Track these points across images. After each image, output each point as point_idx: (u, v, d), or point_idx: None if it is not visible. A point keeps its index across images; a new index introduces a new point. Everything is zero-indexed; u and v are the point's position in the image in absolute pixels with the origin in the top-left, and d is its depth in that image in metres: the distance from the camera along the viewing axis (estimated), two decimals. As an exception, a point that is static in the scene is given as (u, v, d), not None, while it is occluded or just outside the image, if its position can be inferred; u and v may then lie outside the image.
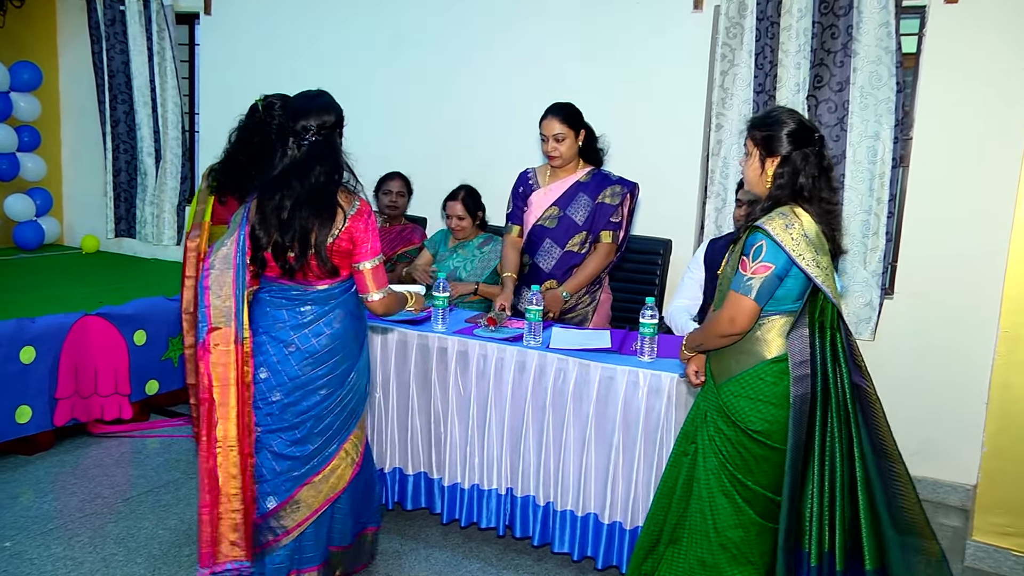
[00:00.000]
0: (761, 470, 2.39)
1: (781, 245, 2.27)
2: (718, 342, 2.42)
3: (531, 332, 3.12)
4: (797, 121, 2.39)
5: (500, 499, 3.17)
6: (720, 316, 2.38)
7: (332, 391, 2.61)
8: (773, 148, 2.37)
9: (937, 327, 3.90)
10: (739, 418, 2.38)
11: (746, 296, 2.31)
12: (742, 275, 2.33)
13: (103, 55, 6.00)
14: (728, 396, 2.41)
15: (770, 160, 2.38)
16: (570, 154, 3.51)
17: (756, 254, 2.30)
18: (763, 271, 2.30)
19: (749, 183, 2.48)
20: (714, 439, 2.45)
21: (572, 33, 4.50)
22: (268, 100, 3.10)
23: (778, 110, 2.44)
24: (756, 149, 2.41)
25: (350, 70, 5.16)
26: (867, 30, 3.85)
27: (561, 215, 3.55)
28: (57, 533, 3.25)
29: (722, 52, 4.14)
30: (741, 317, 2.33)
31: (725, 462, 2.42)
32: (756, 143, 2.41)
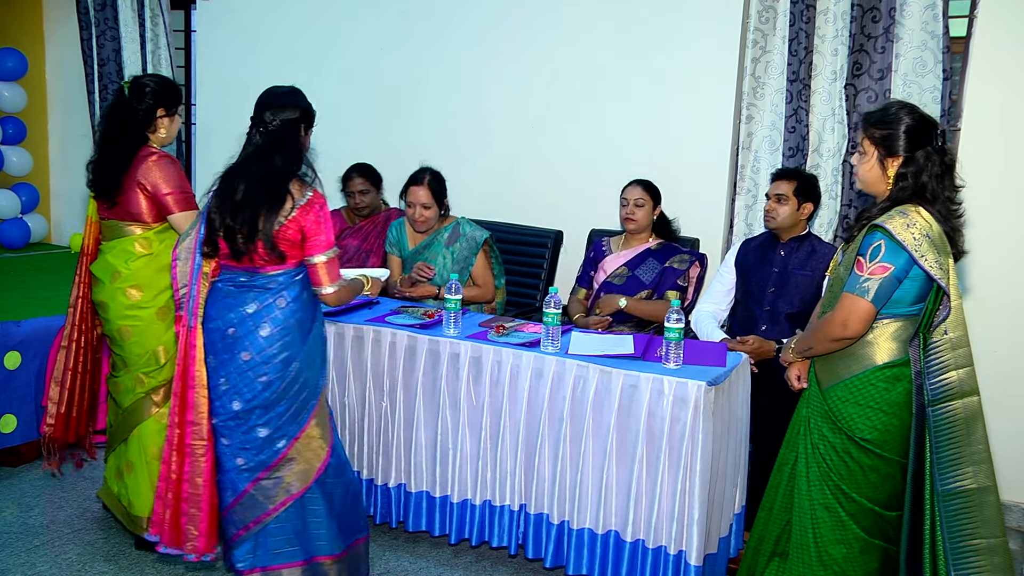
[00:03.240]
0: (868, 482, 2.43)
1: (902, 244, 2.32)
2: (829, 346, 2.47)
3: (549, 337, 3.13)
4: (918, 117, 2.42)
5: (513, 516, 3.17)
6: (832, 319, 2.43)
7: (272, 379, 2.70)
8: (895, 147, 2.42)
9: (988, 333, 3.88)
10: (847, 425, 2.43)
11: (862, 298, 2.36)
12: (858, 276, 2.37)
13: (92, 42, 6.06)
14: (835, 402, 2.46)
15: (891, 160, 2.43)
16: (645, 221, 3.95)
17: (874, 254, 2.35)
18: (881, 272, 2.35)
19: (865, 183, 2.52)
20: (817, 447, 2.49)
21: (595, 19, 4.50)
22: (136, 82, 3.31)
23: (895, 105, 2.47)
24: (875, 148, 2.45)
25: (355, 57, 5.18)
26: (911, 12, 3.83)
27: (630, 275, 3.95)
28: (43, 550, 3.28)
29: (753, 38, 4.14)
30: (855, 320, 2.38)
31: (829, 472, 2.46)
32: (875, 142, 2.45)
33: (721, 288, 3.83)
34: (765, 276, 3.69)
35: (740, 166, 4.26)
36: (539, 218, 4.55)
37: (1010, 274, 3.84)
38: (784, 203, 3.63)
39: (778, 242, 3.72)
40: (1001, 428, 3.88)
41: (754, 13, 4.12)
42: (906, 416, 2.42)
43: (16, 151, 6.25)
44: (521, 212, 4.43)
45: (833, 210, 4.07)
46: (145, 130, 3.28)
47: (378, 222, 4.56)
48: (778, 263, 3.68)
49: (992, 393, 3.87)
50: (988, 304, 3.87)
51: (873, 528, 2.44)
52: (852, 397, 2.43)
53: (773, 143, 4.17)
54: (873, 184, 2.50)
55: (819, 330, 2.50)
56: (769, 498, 2.66)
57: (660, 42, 4.34)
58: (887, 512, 2.45)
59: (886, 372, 2.41)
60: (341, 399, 3.46)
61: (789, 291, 3.64)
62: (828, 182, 4.03)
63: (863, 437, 2.41)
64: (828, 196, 4.03)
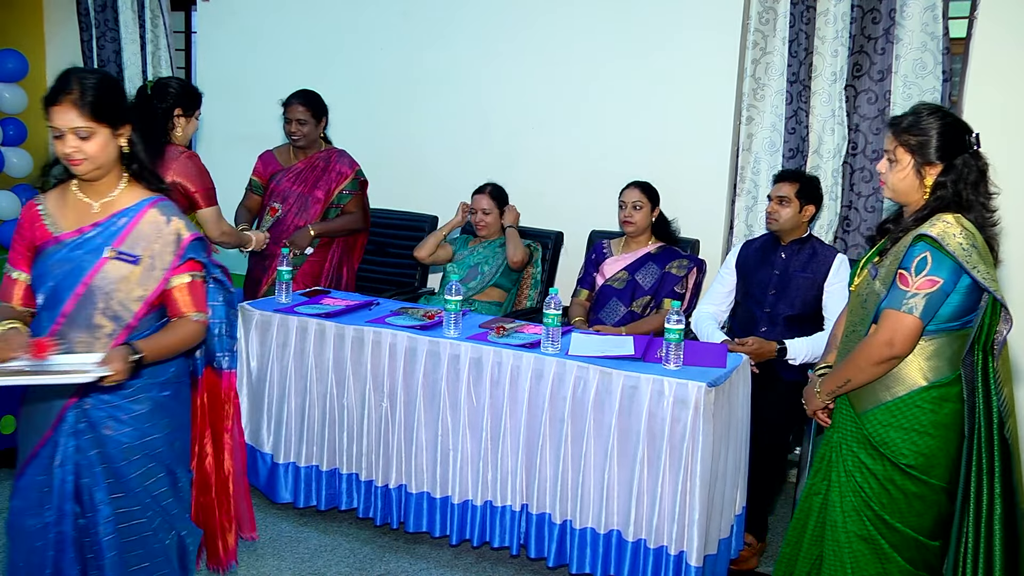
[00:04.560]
0: (913, 510, 2.33)
1: (953, 256, 2.22)
2: (873, 372, 2.33)
3: (549, 338, 3.13)
4: (953, 121, 2.35)
5: (514, 516, 3.18)
6: (874, 341, 2.30)
7: None
8: (933, 155, 2.32)
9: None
10: (890, 451, 2.32)
11: (909, 314, 2.24)
12: (902, 291, 2.25)
13: (93, 43, 6.06)
14: (875, 426, 2.35)
15: (929, 168, 2.33)
16: (643, 224, 3.96)
17: (920, 267, 2.24)
18: (929, 286, 2.23)
19: (897, 192, 2.40)
20: (853, 475, 2.38)
21: (595, 19, 4.51)
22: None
23: (928, 109, 2.38)
24: (910, 156, 2.34)
25: (355, 58, 5.19)
26: (911, 14, 3.84)
27: (629, 279, 3.96)
28: (44, 550, 3.28)
29: (754, 39, 4.15)
30: (902, 338, 2.26)
31: (868, 501, 2.35)
32: (911, 149, 2.34)
33: (721, 289, 3.84)
34: (766, 278, 3.70)
35: (740, 167, 4.27)
36: (539, 219, 4.56)
37: (1011, 273, 3.84)
38: (786, 205, 3.63)
39: (779, 244, 3.72)
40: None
41: (754, 14, 4.13)
42: (953, 438, 2.32)
43: (16, 152, 6.25)
44: (521, 213, 4.43)
45: (833, 212, 4.08)
46: (164, 128, 3.49)
47: (317, 165, 4.28)
48: (779, 265, 3.69)
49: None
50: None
51: (916, 559, 2.34)
52: (895, 421, 2.31)
53: (773, 144, 4.18)
54: (906, 193, 2.38)
55: (858, 357, 2.34)
56: (796, 531, 2.54)
57: (660, 43, 4.35)
58: (931, 542, 2.34)
59: (932, 393, 2.30)
60: (340, 400, 3.46)
61: (790, 293, 3.64)
62: (828, 184, 4.04)
63: (908, 463, 2.29)
64: (828, 198, 4.04)
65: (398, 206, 4.98)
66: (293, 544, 3.42)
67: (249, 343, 3.63)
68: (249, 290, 4.25)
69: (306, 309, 3.61)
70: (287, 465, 3.59)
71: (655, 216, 4.00)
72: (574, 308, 4.07)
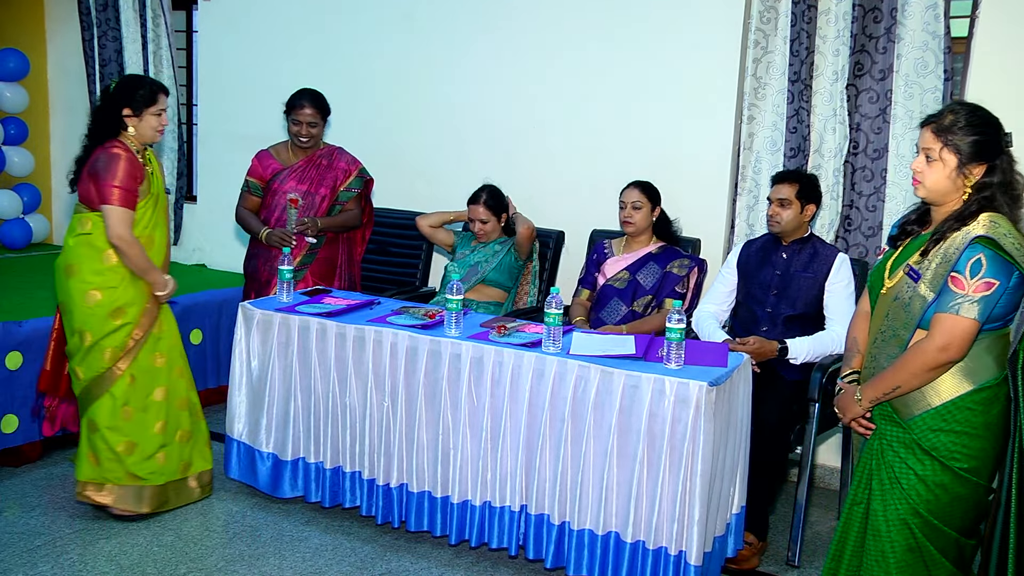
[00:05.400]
0: (958, 512, 2.34)
1: (1011, 257, 2.22)
2: (925, 378, 2.31)
3: (550, 337, 3.13)
4: (995, 120, 2.35)
5: (513, 517, 3.18)
6: (928, 346, 2.28)
7: None
8: (980, 154, 2.31)
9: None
10: (940, 455, 2.30)
11: (965, 317, 2.23)
12: (956, 294, 2.24)
13: (94, 42, 6.07)
14: (924, 431, 2.33)
15: (973, 167, 2.31)
16: (644, 224, 3.97)
17: (975, 269, 2.23)
18: (985, 289, 2.23)
19: (935, 192, 2.37)
20: (899, 482, 2.36)
21: (595, 17, 4.51)
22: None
23: (967, 107, 2.36)
24: (955, 156, 2.31)
25: (356, 58, 5.19)
26: (913, 13, 3.84)
27: (631, 279, 3.97)
28: (45, 550, 3.29)
29: (755, 38, 4.14)
30: (959, 341, 2.24)
31: (916, 508, 2.33)
32: (956, 149, 2.31)
33: (723, 289, 3.83)
34: (767, 278, 3.69)
35: (741, 166, 4.27)
36: (540, 218, 4.55)
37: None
38: (787, 207, 3.63)
39: (780, 244, 3.72)
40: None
41: (755, 13, 4.13)
42: (1000, 438, 2.33)
43: (18, 151, 6.26)
44: (523, 212, 4.44)
45: (834, 211, 4.07)
46: (117, 127, 3.45)
47: (320, 163, 4.29)
48: (780, 266, 3.68)
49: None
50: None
51: (959, 559, 2.35)
52: (945, 425, 2.30)
53: (774, 144, 4.17)
54: (945, 194, 2.35)
55: (910, 363, 2.31)
56: (839, 544, 2.51)
57: (661, 42, 4.35)
58: (968, 540, 2.37)
59: (983, 394, 2.30)
60: (342, 399, 3.47)
61: (791, 294, 3.64)
62: (830, 183, 4.04)
63: (962, 467, 2.29)
64: (829, 197, 4.03)
65: (399, 206, 4.99)
66: (294, 543, 3.42)
67: (250, 342, 3.64)
68: (255, 291, 4.24)
69: (307, 308, 3.61)
70: (296, 461, 3.60)
71: (656, 216, 4.01)
72: (575, 308, 4.08)
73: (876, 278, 2.54)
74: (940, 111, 2.40)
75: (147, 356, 3.53)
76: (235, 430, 3.71)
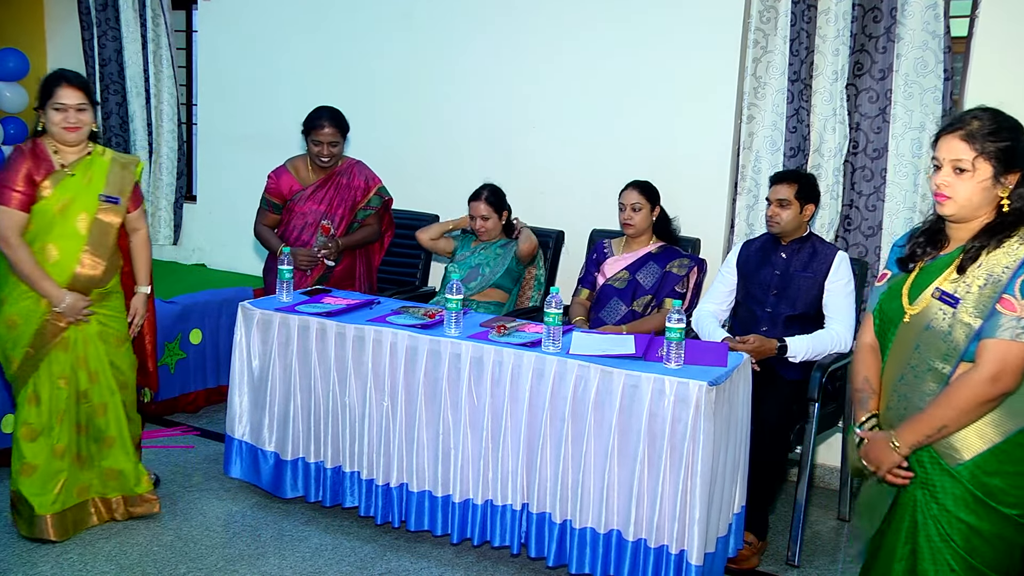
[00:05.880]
0: (1012, 558, 2.14)
1: None
2: (975, 414, 2.08)
3: (550, 337, 3.13)
4: (1018, 121, 2.17)
5: (515, 516, 3.18)
6: (976, 379, 2.05)
7: None
8: (1014, 160, 2.11)
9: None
10: (1000, 500, 2.07)
11: (1020, 341, 2.02)
12: (1008, 316, 2.03)
13: (94, 42, 6.06)
14: (981, 477, 2.08)
15: (1009, 176, 2.11)
16: (644, 225, 3.97)
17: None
18: None
19: (969, 206, 2.13)
20: (951, 540, 2.12)
21: (595, 19, 4.51)
22: None
23: (987, 112, 2.16)
24: (989, 164, 2.10)
25: (356, 58, 5.19)
26: (912, 12, 3.84)
27: (630, 278, 3.96)
28: (44, 551, 3.29)
29: (754, 38, 4.14)
30: (1012, 370, 2.03)
31: (972, 565, 2.10)
32: (992, 157, 2.10)
33: (723, 288, 3.83)
34: (767, 278, 3.70)
35: (741, 166, 4.26)
36: (540, 218, 4.56)
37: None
38: (787, 207, 3.62)
39: (779, 244, 3.72)
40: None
41: (755, 13, 4.12)
42: None
43: (17, 151, 6.26)
44: (522, 212, 4.44)
45: (834, 210, 4.07)
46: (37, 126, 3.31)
47: (339, 181, 4.29)
48: (780, 265, 3.68)
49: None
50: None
51: None
52: (1000, 466, 2.07)
53: (774, 143, 4.17)
54: (978, 207, 2.14)
55: (956, 398, 2.07)
56: None
57: (661, 42, 4.35)
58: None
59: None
60: (342, 399, 3.47)
61: (791, 294, 3.64)
62: (829, 182, 4.04)
63: (1020, 513, 2.07)
64: (829, 196, 4.03)
65: (399, 205, 4.98)
66: (294, 543, 3.42)
67: (251, 342, 3.64)
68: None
69: (307, 308, 3.61)
70: (296, 461, 3.60)
71: (655, 216, 4.01)
72: (575, 307, 4.08)
73: (892, 305, 2.27)
74: (960, 117, 2.18)
75: (47, 377, 3.29)
76: (236, 430, 3.70)
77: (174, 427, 4.55)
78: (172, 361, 4.59)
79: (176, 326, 4.61)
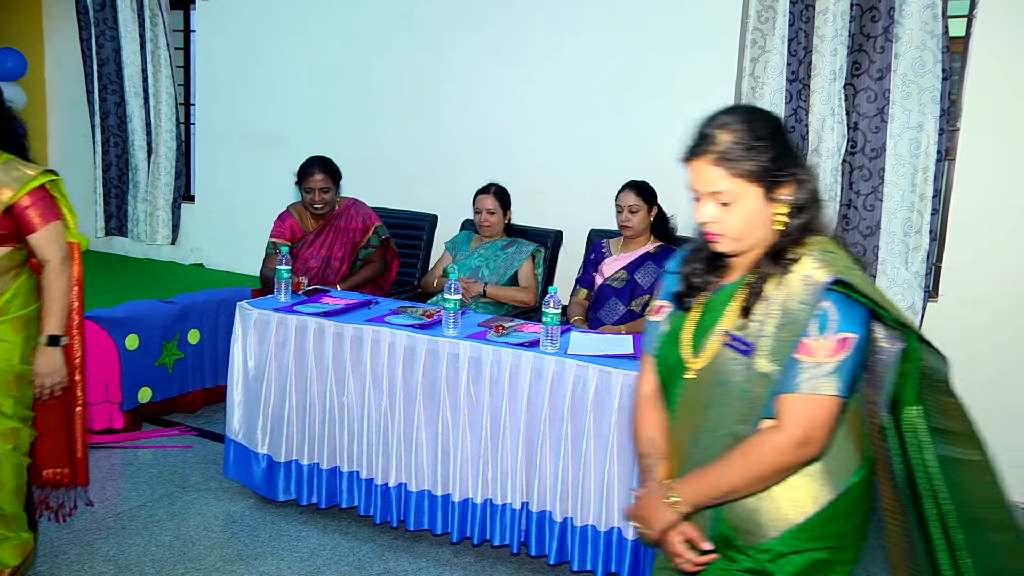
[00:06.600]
0: None
1: (870, 298, 1.61)
2: (775, 480, 1.65)
3: (548, 337, 3.13)
4: (774, 115, 1.77)
5: (515, 514, 3.18)
6: (781, 442, 1.60)
7: None
8: (783, 169, 1.66)
9: (987, 334, 3.88)
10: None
11: (826, 394, 1.58)
12: (805, 364, 1.59)
13: (92, 42, 6.06)
14: (788, 556, 1.68)
15: (781, 189, 1.67)
16: (641, 226, 3.97)
17: (824, 324, 1.59)
18: (841, 348, 1.59)
19: (743, 237, 1.69)
20: None
21: (593, 18, 4.51)
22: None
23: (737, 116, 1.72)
24: (753, 185, 1.65)
25: (354, 58, 5.18)
26: (911, 12, 3.84)
27: (628, 278, 3.97)
28: (42, 551, 3.27)
29: (752, 38, 4.14)
30: (820, 430, 1.60)
31: None
32: (752, 178, 1.65)
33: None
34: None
35: (739, 166, 4.26)
36: (539, 218, 4.56)
37: (1009, 273, 3.84)
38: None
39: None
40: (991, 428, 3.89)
41: (753, 13, 4.13)
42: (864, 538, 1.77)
43: (15, 151, 6.25)
44: (521, 212, 4.44)
45: (832, 210, 4.07)
46: None
47: (336, 225, 4.39)
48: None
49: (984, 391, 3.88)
50: (987, 304, 3.88)
51: None
52: (814, 543, 1.68)
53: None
54: (759, 233, 1.70)
55: (754, 463, 1.62)
56: None
57: (659, 42, 4.35)
58: None
59: (859, 487, 1.71)
60: (340, 399, 3.46)
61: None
62: (827, 182, 4.04)
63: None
64: (827, 196, 4.04)
65: (398, 205, 4.98)
66: (292, 543, 3.41)
67: (247, 342, 3.63)
68: None
69: (305, 308, 3.60)
70: (288, 463, 3.59)
71: (653, 216, 4.01)
72: (573, 307, 4.07)
73: (672, 354, 1.79)
74: (704, 134, 1.73)
75: None
76: (232, 430, 3.70)
77: (172, 427, 4.54)
78: (170, 361, 4.59)
79: (174, 326, 4.60)
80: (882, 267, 4.02)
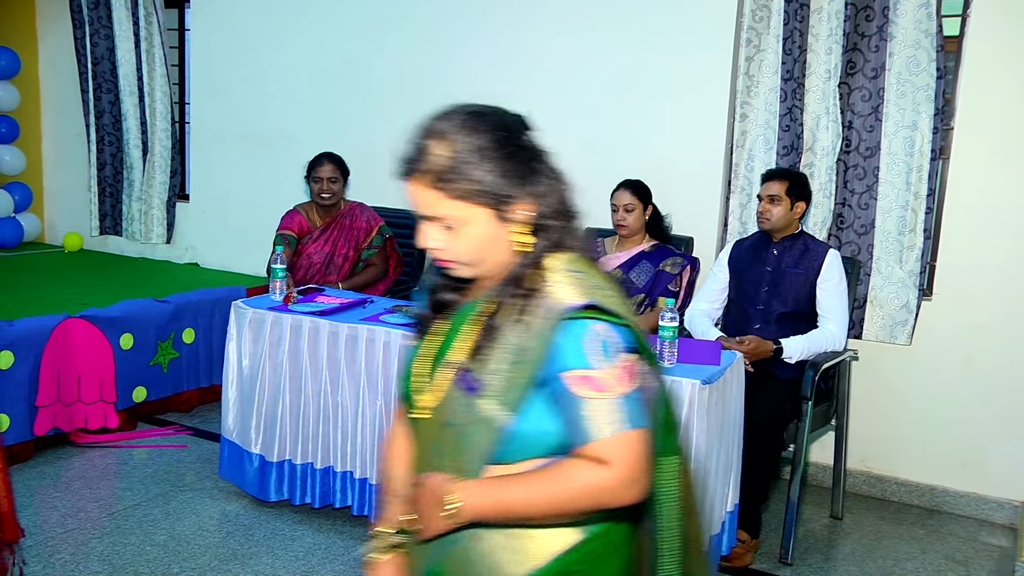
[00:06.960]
0: None
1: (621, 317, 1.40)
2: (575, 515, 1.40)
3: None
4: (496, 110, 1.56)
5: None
6: (609, 482, 1.33)
7: None
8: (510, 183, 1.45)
9: (980, 332, 3.89)
10: None
11: (635, 428, 1.34)
12: (599, 401, 1.33)
13: (86, 40, 6.04)
14: None
15: (514, 205, 1.44)
16: (637, 225, 3.95)
17: (606, 347, 1.36)
18: (631, 371, 1.39)
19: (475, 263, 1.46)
20: None
21: (589, 17, 4.50)
22: None
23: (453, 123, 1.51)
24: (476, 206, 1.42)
25: (350, 57, 5.17)
26: (905, 11, 3.84)
27: (623, 277, 3.95)
28: (36, 550, 3.27)
29: (747, 37, 4.14)
30: (644, 466, 1.36)
31: None
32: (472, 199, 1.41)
33: (715, 287, 3.84)
34: (759, 276, 3.70)
35: (734, 164, 4.26)
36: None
37: (1005, 271, 3.85)
38: (777, 204, 3.63)
39: (771, 241, 3.72)
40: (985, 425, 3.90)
41: (748, 12, 4.12)
42: None
43: (9, 150, 6.24)
44: (516, 211, 4.43)
45: (827, 208, 4.07)
46: None
47: (342, 224, 4.50)
48: (771, 262, 3.69)
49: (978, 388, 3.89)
50: (982, 301, 3.88)
51: None
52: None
53: (767, 142, 4.17)
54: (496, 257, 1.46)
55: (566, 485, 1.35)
56: None
57: (654, 40, 4.34)
58: None
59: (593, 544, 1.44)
60: (334, 398, 3.46)
61: (783, 290, 3.64)
62: (822, 181, 4.04)
63: None
64: (822, 195, 4.04)
65: (398, 205, 4.97)
66: (287, 542, 3.41)
67: (242, 341, 3.62)
68: None
69: (300, 307, 3.60)
70: (281, 463, 3.58)
71: (648, 215, 4.00)
72: None
73: (404, 387, 1.55)
74: (419, 146, 1.52)
75: None
76: (227, 429, 3.69)
77: (167, 426, 4.54)
78: (165, 360, 4.58)
79: (169, 325, 4.60)
80: (876, 266, 4.02)
